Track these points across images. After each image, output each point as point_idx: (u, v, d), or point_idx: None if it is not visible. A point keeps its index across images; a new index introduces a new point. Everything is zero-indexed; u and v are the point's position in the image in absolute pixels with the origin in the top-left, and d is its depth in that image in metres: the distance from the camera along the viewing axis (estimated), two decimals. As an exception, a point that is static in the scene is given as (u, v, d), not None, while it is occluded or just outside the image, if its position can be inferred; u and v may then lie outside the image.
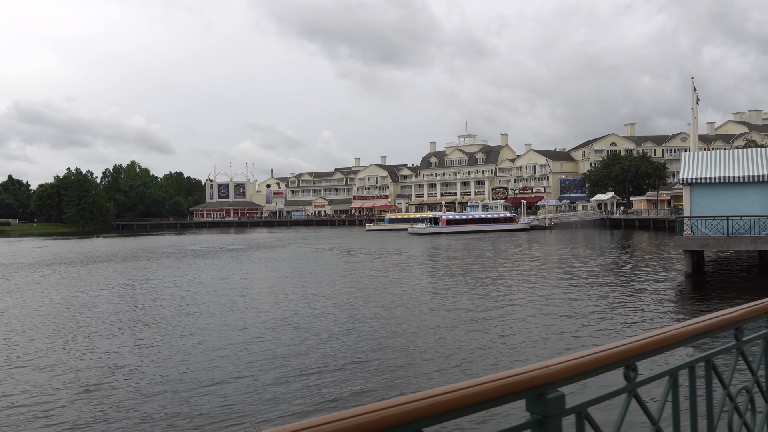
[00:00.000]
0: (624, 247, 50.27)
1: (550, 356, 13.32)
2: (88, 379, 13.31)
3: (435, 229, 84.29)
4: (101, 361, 14.98)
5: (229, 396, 11.78)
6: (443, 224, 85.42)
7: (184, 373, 13.54)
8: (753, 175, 27.18)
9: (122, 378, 13.36)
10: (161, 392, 12.17)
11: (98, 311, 22.60)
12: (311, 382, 12.61)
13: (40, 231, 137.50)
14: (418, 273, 34.28)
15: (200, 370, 13.71)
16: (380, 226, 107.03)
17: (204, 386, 12.47)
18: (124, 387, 12.68)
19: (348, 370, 13.48)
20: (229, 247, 62.63)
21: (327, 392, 11.91)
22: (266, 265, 41.09)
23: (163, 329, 18.76)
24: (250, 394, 11.85)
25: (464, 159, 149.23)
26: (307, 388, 12.17)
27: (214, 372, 13.54)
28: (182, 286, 29.56)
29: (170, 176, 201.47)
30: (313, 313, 20.78)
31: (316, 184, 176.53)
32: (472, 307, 21.36)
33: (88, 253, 58.14)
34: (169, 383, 12.79)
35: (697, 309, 20.50)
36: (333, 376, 13.02)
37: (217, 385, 12.54)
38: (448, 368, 13.57)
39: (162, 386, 12.58)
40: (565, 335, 16.70)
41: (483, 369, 13.34)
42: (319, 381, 12.65)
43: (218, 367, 13.94)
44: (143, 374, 13.59)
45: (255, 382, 12.63)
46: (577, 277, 29.67)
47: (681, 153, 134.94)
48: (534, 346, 15.48)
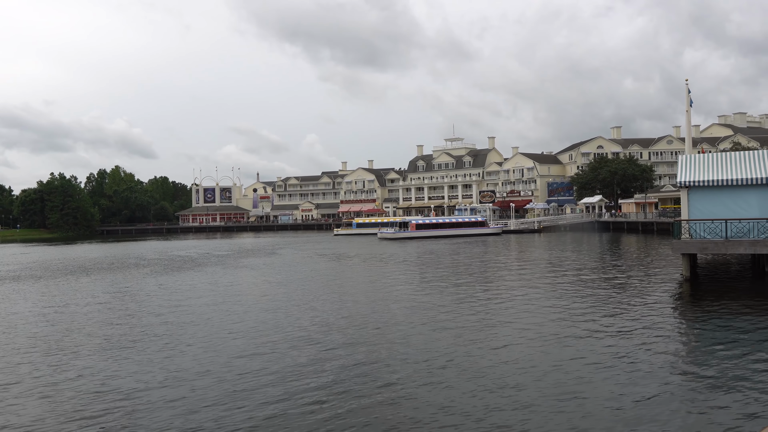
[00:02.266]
0: (616, 251, 50.08)
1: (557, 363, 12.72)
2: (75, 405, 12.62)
3: (404, 234, 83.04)
4: (90, 383, 14.27)
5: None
6: (413, 229, 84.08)
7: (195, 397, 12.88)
8: (751, 178, 26.97)
9: (111, 402, 12.68)
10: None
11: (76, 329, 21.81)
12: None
13: (23, 237, 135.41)
14: (404, 284, 33.70)
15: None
16: (348, 231, 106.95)
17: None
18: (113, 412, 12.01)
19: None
20: (192, 258, 61.66)
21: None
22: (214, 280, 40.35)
23: (150, 350, 18.05)
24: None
25: (452, 162, 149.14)
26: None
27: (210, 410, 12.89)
28: (157, 312, 28.75)
29: (155, 181, 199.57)
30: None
31: (303, 188, 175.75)
32: (461, 320, 20.84)
33: (65, 261, 57.03)
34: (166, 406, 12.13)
35: (708, 314, 20.12)
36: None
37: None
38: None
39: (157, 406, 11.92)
40: (574, 343, 16.23)
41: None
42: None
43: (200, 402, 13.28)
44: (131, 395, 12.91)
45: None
46: (574, 283, 29.28)
47: (667, 156, 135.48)
48: (541, 353, 15.01)
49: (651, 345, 15.83)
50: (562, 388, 12.41)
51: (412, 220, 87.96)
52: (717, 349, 15.31)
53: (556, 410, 11.20)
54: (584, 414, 10.99)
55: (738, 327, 17.73)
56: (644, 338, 16.62)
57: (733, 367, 13.52)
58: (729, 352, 14.93)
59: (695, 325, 18.67)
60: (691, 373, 13.34)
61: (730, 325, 18.00)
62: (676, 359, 14.51)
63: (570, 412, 11.13)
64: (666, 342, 16.24)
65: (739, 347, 15.36)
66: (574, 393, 12.13)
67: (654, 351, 15.18)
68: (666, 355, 14.88)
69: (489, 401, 11.80)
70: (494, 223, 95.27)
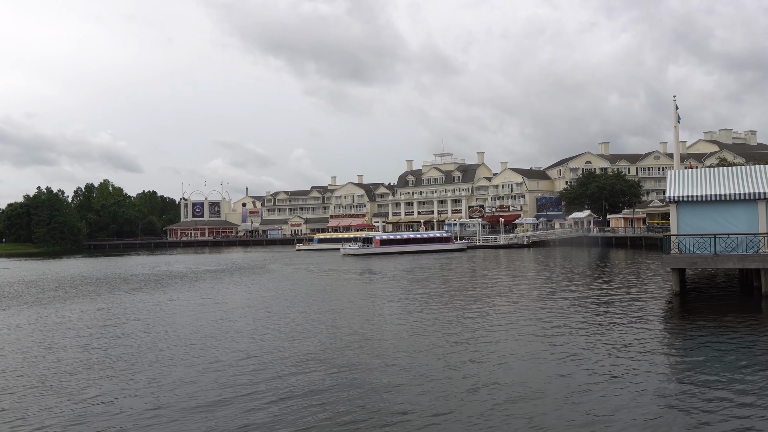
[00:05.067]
0: (605, 266, 50.23)
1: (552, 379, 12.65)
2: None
3: (368, 250, 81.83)
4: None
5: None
6: (377, 245, 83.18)
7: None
8: (739, 193, 27.20)
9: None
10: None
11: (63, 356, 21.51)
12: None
13: (8, 251, 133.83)
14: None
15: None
16: (309, 246, 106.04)
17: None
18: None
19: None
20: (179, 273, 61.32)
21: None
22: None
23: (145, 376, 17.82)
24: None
25: (441, 177, 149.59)
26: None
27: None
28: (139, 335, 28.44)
29: (143, 195, 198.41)
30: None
31: (293, 202, 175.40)
32: (455, 331, 20.76)
33: (46, 278, 56.47)
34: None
35: (699, 329, 20.17)
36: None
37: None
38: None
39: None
40: (566, 359, 16.20)
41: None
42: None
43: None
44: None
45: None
46: (565, 298, 29.30)
47: (654, 171, 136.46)
48: (536, 367, 14.96)
49: (642, 362, 15.82)
50: (551, 406, 12.35)
51: (376, 236, 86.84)
52: (708, 365, 15.33)
53: (545, 428, 11.14)
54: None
55: (729, 343, 17.78)
56: (636, 355, 16.62)
57: (724, 384, 13.53)
58: (720, 367, 14.96)
59: (686, 340, 18.70)
60: (684, 391, 13.33)
61: (721, 341, 18.05)
62: (668, 377, 14.52)
63: (559, 429, 11.08)
64: (657, 358, 16.25)
65: (730, 363, 15.39)
66: (563, 411, 12.08)
67: (645, 369, 15.17)
68: (658, 372, 14.89)
69: (485, 422, 11.71)
70: (484, 238, 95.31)
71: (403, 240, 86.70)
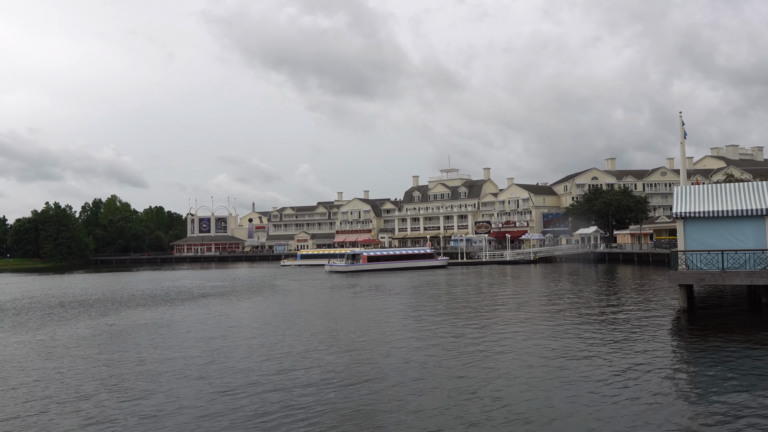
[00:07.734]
0: (613, 282, 50.01)
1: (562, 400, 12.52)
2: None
3: (355, 267, 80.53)
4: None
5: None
6: (364, 261, 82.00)
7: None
8: (747, 209, 27.13)
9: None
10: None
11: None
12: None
13: (15, 266, 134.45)
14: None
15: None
16: (293, 262, 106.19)
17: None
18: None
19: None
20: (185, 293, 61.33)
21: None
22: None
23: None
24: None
25: (447, 193, 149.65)
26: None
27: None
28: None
29: (150, 210, 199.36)
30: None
31: (299, 218, 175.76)
32: (458, 342, 20.69)
33: (51, 293, 56.63)
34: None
35: (708, 346, 20.03)
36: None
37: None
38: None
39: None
40: (574, 379, 16.11)
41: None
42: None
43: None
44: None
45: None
46: (572, 315, 29.18)
47: (661, 187, 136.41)
48: (542, 385, 14.89)
49: (651, 382, 15.69)
50: (559, 426, 12.29)
51: (363, 252, 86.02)
52: (718, 383, 15.21)
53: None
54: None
55: (738, 361, 17.63)
56: (644, 375, 16.48)
57: (736, 404, 13.39)
58: (731, 387, 14.82)
59: (695, 358, 18.57)
60: (695, 411, 13.22)
61: (730, 359, 17.90)
62: (678, 396, 14.40)
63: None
64: (666, 377, 16.14)
65: (741, 382, 15.26)
66: (570, 429, 12.01)
67: (654, 390, 15.01)
68: (666, 393, 14.77)
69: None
70: (490, 254, 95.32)
71: (390, 256, 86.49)
